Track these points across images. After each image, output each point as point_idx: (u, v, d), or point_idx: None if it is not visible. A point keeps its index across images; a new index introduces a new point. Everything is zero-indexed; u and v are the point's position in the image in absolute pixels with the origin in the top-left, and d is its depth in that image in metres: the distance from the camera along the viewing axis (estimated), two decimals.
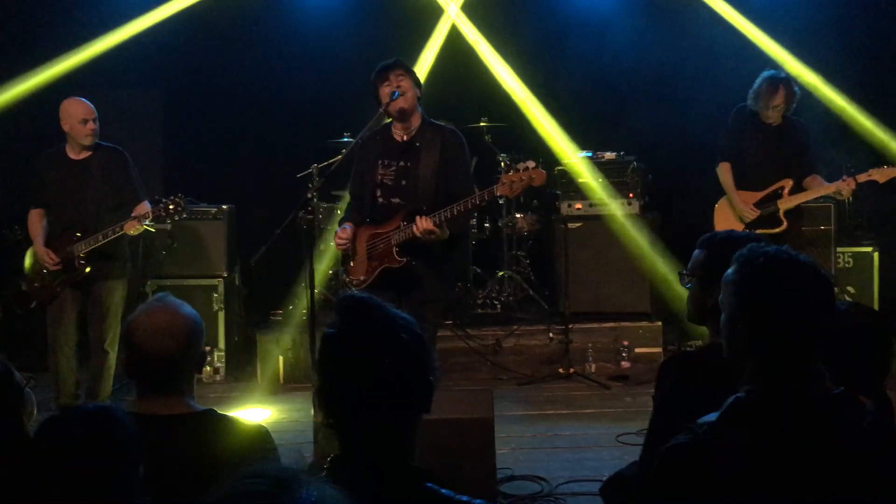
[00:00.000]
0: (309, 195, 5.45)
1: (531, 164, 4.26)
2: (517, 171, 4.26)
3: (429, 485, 1.73)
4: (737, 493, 1.78)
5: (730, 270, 1.97)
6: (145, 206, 5.48)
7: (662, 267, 6.85)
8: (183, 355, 2.42)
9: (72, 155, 5.53)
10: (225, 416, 2.51)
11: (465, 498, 1.74)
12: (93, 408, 2.01)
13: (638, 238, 6.91)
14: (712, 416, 1.89)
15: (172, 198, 5.31)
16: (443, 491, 1.74)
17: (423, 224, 4.35)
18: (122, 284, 5.63)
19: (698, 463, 1.82)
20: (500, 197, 7.38)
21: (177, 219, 5.45)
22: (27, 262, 5.63)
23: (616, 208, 7.01)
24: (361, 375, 1.70)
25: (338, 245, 4.76)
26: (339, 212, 6.82)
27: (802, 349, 1.89)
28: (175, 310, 2.47)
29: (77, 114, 5.42)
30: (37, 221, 5.57)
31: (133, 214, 5.41)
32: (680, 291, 3.89)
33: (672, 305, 6.72)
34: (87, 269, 5.40)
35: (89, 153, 5.52)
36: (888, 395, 2.91)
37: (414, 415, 1.77)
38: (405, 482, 1.72)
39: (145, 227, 5.39)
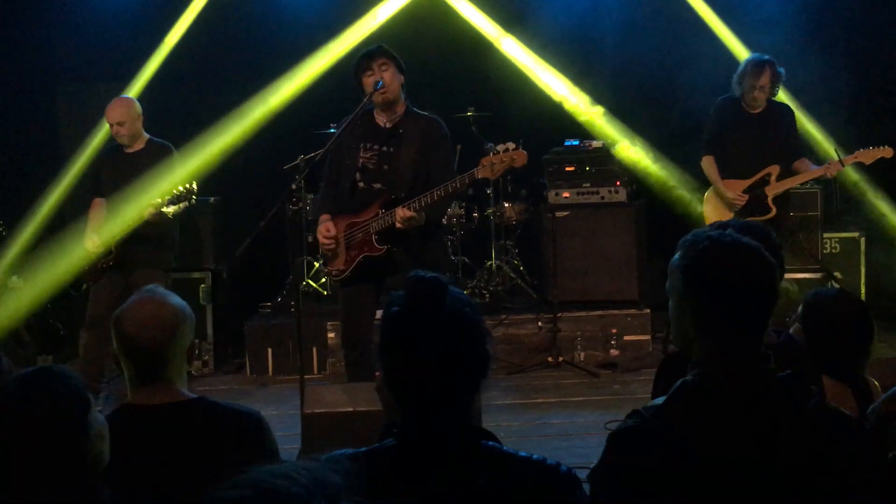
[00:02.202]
0: (294, 186, 5.42)
1: (511, 145, 4.22)
2: (497, 152, 4.23)
3: (490, 443, 1.80)
4: (682, 476, 1.78)
5: (675, 256, 1.98)
6: None
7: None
8: (170, 344, 2.42)
9: (126, 149, 5.81)
10: (217, 403, 2.50)
11: (523, 454, 1.81)
12: (31, 369, 2.06)
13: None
14: (659, 401, 1.90)
15: (187, 185, 5.51)
16: (504, 448, 1.80)
17: (402, 213, 4.34)
18: (165, 276, 5.73)
19: (644, 446, 1.83)
20: (488, 186, 7.38)
21: (187, 204, 5.50)
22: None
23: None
24: (433, 354, 1.74)
25: (324, 246, 4.66)
26: None
27: (747, 332, 1.89)
28: (163, 300, 2.47)
29: (109, 118, 5.75)
30: (94, 208, 5.87)
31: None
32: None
33: (660, 293, 6.70)
34: (114, 254, 5.62)
35: (140, 147, 5.78)
36: (868, 380, 2.93)
37: (476, 381, 1.82)
38: (469, 442, 1.78)
39: (162, 210, 5.45)
